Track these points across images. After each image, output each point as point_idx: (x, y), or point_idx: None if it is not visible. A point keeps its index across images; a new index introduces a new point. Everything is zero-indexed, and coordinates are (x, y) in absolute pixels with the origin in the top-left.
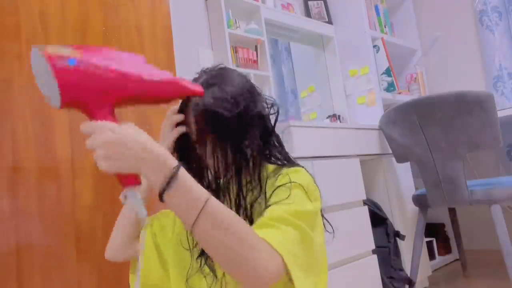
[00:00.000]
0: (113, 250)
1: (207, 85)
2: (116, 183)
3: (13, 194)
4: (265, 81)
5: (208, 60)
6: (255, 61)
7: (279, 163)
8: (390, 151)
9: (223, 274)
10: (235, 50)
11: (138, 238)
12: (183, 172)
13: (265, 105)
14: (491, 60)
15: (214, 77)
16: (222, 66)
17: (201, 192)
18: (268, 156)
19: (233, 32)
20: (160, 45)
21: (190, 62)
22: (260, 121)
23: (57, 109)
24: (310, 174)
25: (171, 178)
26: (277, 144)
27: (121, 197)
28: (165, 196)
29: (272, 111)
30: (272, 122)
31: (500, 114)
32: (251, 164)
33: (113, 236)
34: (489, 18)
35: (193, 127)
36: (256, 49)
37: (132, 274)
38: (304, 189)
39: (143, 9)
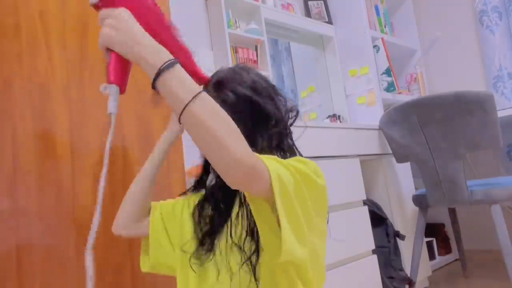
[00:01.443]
0: (120, 221)
1: (221, 80)
2: (116, 183)
3: (13, 194)
4: None
5: (208, 60)
6: (255, 61)
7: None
8: (390, 151)
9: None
10: (235, 50)
11: (146, 215)
12: (179, 65)
13: (281, 106)
14: (491, 60)
15: (229, 74)
16: (240, 65)
17: (196, 85)
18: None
19: (233, 32)
20: None
21: None
22: (270, 121)
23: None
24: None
25: (172, 60)
26: (289, 145)
27: (101, 87)
28: (162, 79)
29: (290, 114)
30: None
31: (500, 114)
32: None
33: (122, 207)
34: (489, 18)
35: None
36: (256, 49)
37: (143, 255)
38: (303, 163)
39: None
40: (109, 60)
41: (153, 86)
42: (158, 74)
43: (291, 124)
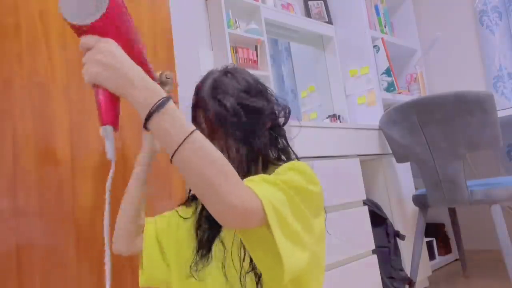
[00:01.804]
0: (119, 243)
1: (215, 85)
2: (116, 184)
3: (13, 194)
4: (265, 81)
5: (208, 61)
6: (255, 61)
7: (280, 163)
8: (390, 151)
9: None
10: (235, 50)
11: (141, 233)
12: (171, 102)
13: (274, 107)
14: (491, 60)
15: (221, 78)
16: (231, 66)
17: (189, 123)
18: (273, 157)
19: (233, 32)
20: (160, 45)
21: (190, 63)
22: (265, 121)
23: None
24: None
25: (164, 99)
26: (284, 145)
27: (100, 132)
28: (154, 118)
29: (282, 113)
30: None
31: (500, 114)
32: (259, 164)
33: (116, 230)
34: (489, 18)
35: (204, 125)
36: (256, 49)
37: (141, 269)
38: (297, 171)
39: (143, 10)
40: (98, 97)
41: (145, 126)
42: (150, 116)
43: (284, 124)
